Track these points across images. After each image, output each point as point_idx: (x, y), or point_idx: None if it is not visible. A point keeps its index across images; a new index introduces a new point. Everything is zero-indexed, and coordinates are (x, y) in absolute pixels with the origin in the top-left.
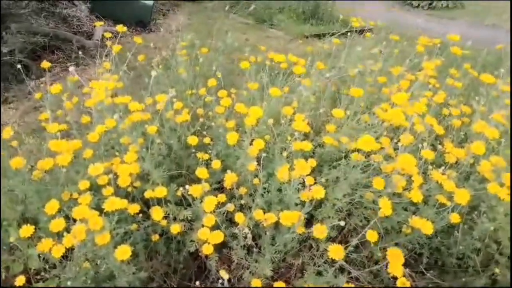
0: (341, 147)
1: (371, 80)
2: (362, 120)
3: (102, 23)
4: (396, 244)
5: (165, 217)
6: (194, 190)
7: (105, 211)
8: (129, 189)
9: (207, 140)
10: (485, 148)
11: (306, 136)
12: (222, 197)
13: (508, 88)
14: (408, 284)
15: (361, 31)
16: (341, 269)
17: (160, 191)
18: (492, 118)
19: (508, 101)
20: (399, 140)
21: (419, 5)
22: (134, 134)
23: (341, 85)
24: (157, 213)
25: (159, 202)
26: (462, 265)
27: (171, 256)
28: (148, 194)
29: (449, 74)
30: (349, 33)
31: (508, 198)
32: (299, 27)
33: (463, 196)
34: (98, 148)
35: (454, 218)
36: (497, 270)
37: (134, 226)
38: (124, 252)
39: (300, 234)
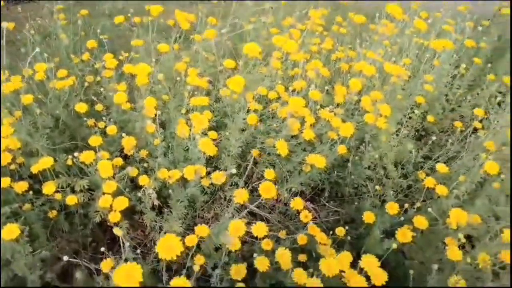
0: (240, 100)
1: (265, 33)
2: (258, 71)
3: None
4: (301, 184)
5: (61, 191)
6: (86, 156)
7: None
8: (12, 167)
9: (99, 107)
10: (362, 84)
11: (208, 94)
12: (118, 161)
13: (386, 30)
14: (310, 216)
15: None
16: (253, 214)
17: (45, 162)
18: (367, 55)
19: (387, 42)
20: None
21: None
22: (8, 106)
23: (238, 41)
24: (48, 187)
25: (52, 176)
26: (357, 193)
27: (77, 231)
28: (34, 168)
29: (335, 22)
30: None
31: (385, 126)
32: None
33: (347, 129)
34: None
35: (341, 149)
36: (378, 187)
37: (27, 206)
38: (10, 231)
39: (208, 187)
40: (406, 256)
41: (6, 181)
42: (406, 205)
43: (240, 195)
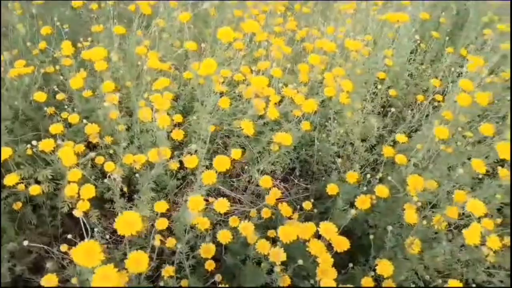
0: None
1: (230, 16)
2: (222, 55)
3: None
4: (272, 164)
5: (25, 182)
6: (45, 145)
7: None
8: None
9: (61, 96)
10: (322, 60)
11: (174, 79)
12: (79, 147)
13: (348, 7)
14: (279, 193)
15: None
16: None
17: (4, 152)
18: (327, 32)
19: (349, 20)
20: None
21: None
22: None
23: (202, 25)
24: (9, 178)
25: (14, 168)
26: (327, 170)
27: (47, 223)
28: None
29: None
30: None
31: (347, 101)
32: None
33: (310, 106)
34: None
35: (305, 126)
36: (340, 160)
37: None
38: None
39: (177, 171)
40: (371, 225)
41: None
42: (369, 176)
43: (208, 177)
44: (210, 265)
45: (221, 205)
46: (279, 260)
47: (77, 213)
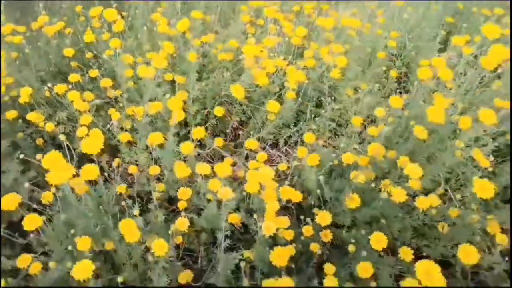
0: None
1: None
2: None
3: None
4: (271, 134)
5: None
6: (59, 88)
7: None
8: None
9: (89, 55)
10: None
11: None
12: (88, 95)
13: None
14: (265, 156)
15: None
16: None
17: (25, 91)
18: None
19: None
20: None
21: None
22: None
23: None
24: (32, 115)
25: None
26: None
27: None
28: (22, 99)
29: None
30: None
31: (338, 76)
32: None
33: (298, 76)
34: None
35: (290, 95)
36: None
37: (20, 135)
38: None
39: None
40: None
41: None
42: (343, 145)
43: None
44: (182, 205)
45: (203, 168)
46: (225, 197)
47: (61, 137)
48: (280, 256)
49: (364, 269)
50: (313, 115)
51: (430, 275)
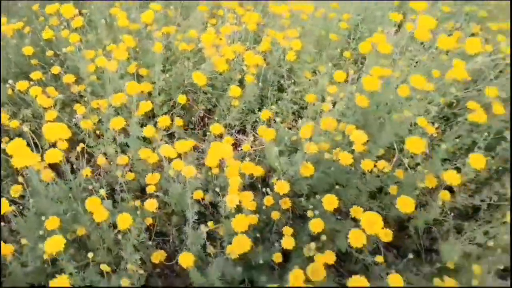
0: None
1: None
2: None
3: None
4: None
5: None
6: (21, 85)
7: None
8: None
9: (50, 53)
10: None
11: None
12: (51, 90)
13: None
14: (231, 140)
15: None
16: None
17: None
18: None
19: None
20: None
21: None
22: None
23: None
24: None
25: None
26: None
27: None
28: None
29: None
30: None
31: (293, 58)
32: None
33: (255, 60)
34: None
35: (249, 79)
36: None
37: None
38: None
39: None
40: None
41: None
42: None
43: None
44: (151, 189)
45: (167, 150)
46: (188, 174)
47: (25, 128)
48: (240, 223)
49: (316, 225)
50: (276, 99)
51: (373, 224)
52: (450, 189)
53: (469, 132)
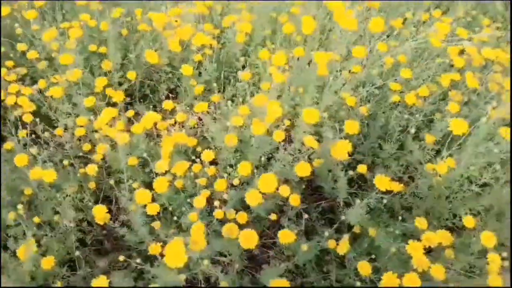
0: None
1: None
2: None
3: None
4: None
5: None
6: None
7: None
8: None
9: (18, 31)
10: None
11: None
12: (9, 63)
13: None
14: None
15: None
16: None
17: None
18: None
19: None
20: None
21: None
22: None
23: None
24: None
25: None
26: None
27: None
28: None
29: None
30: None
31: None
32: None
33: (201, 39)
34: None
35: (197, 57)
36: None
37: None
38: None
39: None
40: None
41: None
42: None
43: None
44: (98, 157)
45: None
46: (122, 141)
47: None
48: (161, 185)
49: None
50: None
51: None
52: None
53: None
